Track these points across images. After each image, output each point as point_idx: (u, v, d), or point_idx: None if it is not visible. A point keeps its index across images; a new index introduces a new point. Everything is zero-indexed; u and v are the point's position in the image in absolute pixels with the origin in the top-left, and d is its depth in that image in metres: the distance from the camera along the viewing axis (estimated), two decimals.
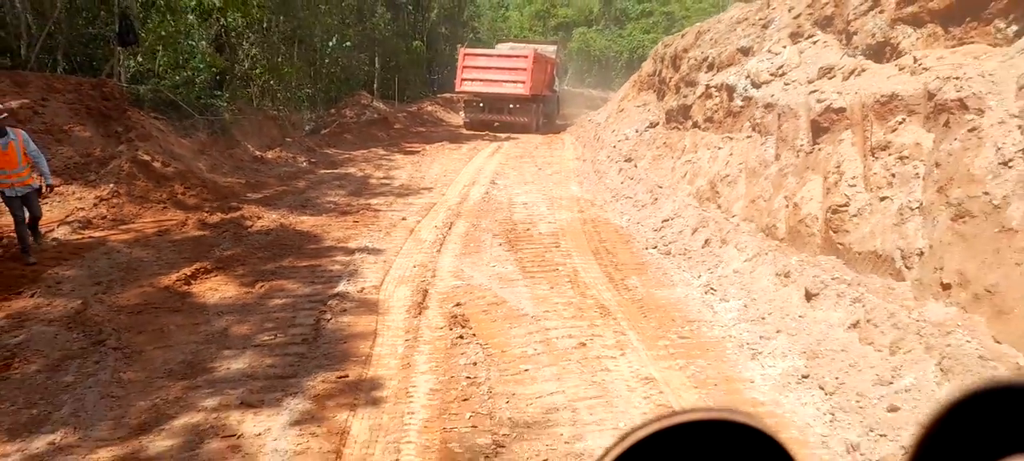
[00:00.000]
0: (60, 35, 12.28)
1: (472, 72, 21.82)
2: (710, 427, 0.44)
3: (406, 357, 5.29)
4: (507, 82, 21.32)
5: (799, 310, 5.41)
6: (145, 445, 4.08)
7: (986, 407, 0.38)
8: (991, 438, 0.38)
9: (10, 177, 7.40)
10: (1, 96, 11.11)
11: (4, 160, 7.35)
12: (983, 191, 4.44)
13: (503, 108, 21.85)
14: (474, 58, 22.14)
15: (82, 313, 6.12)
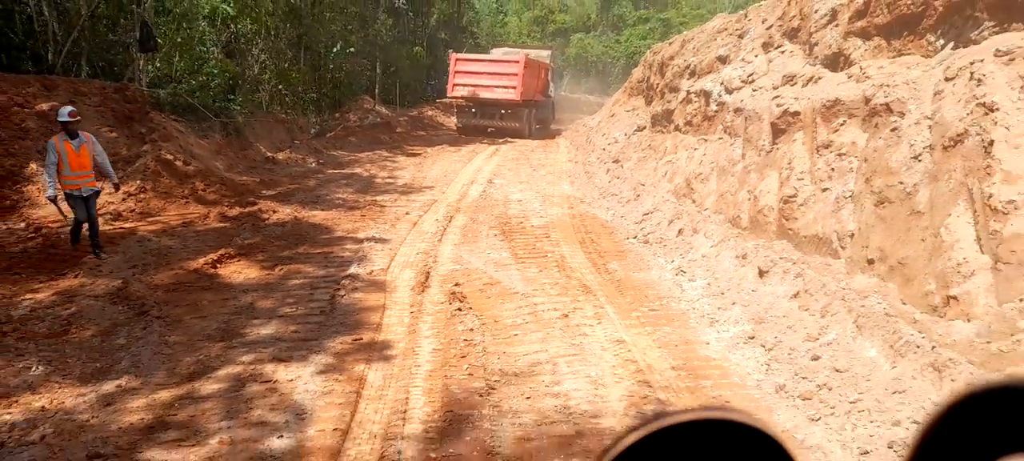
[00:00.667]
0: (84, 42, 13.11)
1: (463, 77, 21.88)
2: (710, 427, 0.44)
3: (412, 325, 6.12)
4: (498, 87, 21.30)
5: (752, 286, 6.25)
6: (197, 388, 4.90)
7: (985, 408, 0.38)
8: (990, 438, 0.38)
9: (80, 179, 7.76)
10: (32, 99, 11.95)
11: (77, 162, 7.73)
12: (899, 181, 5.28)
13: (495, 113, 21.89)
14: (465, 63, 22.19)
15: (123, 290, 6.94)
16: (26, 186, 10.40)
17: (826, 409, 4.28)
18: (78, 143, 7.73)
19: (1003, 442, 0.38)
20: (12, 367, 5.24)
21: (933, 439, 0.40)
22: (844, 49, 7.70)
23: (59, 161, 7.58)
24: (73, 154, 7.68)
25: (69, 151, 7.67)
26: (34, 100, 11.78)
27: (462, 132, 22.67)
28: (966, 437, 0.39)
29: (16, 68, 12.78)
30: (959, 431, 0.39)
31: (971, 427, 0.39)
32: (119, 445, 4.14)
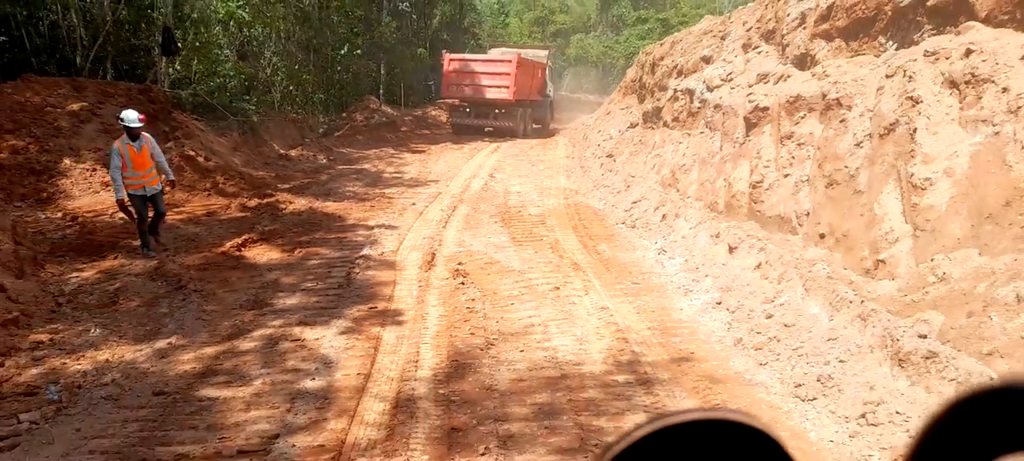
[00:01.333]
0: (109, 47, 13.93)
1: (456, 77, 21.84)
2: (710, 427, 0.44)
3: (420, 296, 6.91)
4: (491, 87, 21.21)
5: (723, 260, 7.03)
6: (236, 345, 5.70)
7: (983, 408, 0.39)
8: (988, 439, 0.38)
9: (143, 178, 8.08)
10: (63, 100, 12.78)
11: (138, 162, 8.03)
12: (844, 165, 6.06)
13: (488, 113, 21.83)
14: (458, 63, 22.14)
15: (160, 269, 7.74)
16: (61, 180, 11.21)
17: (773, 356, 5.06)
18: (139, 144, 8.07)
19: (1001, 443, 0.38)
20: (73, 330, 6.04)
21: (931, 440, 0.40)
22: (810, 50, 8.47)
23: (123, 163, 7.89)
24: (135, 155, 8.00)
25: (131, 153, 7.98)
26: (65, 101, 12.61)
27: (456, 131, 22.68)
28: (964, 438, 0.39)
29: (44, 71, 13.61)
30: (957, 432, 0.39)
31: (969, 428, 0.39)
32: (178, 386, 4.93)
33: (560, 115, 28.82)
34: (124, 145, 7.94)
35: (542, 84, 24.63)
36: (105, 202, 10.58)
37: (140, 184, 8.06)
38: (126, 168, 7.91)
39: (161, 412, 4.57)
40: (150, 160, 8.19)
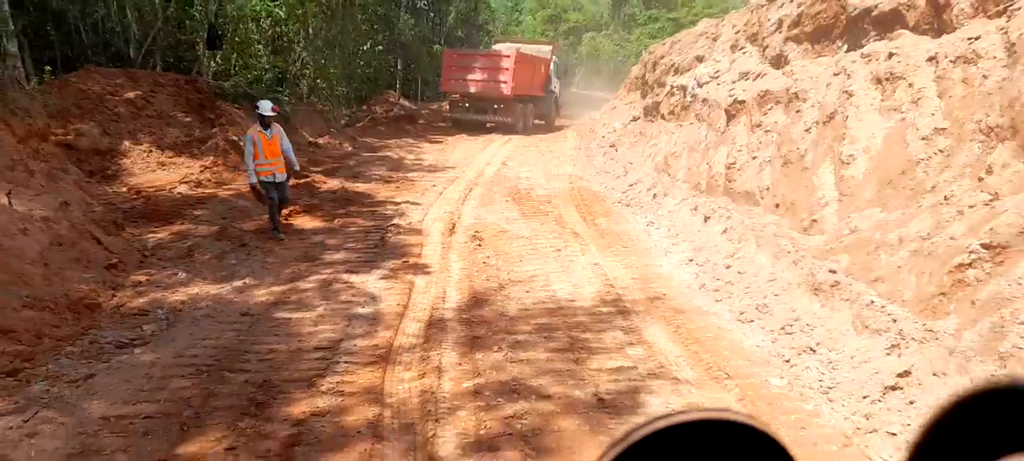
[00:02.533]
0: (158, 41, 15.37)
1: (456, 72, 21.80)
2: (710, 427, 0.45)
3: (444, 255, 8.26)
4: (490, 83, 21.17)
5: (698, 228, 8.33)
6: (298, 285, 7.07)
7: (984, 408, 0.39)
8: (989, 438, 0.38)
9: (273, 165, 8.59)
10: (120, 89, 14.22)
11: (270, 150, 8.53)
12: (796, 147, 7.35)
13: (487, 108, 21.74)
14: (457, 58, 22.27)
15: (223, 231, 9.12)
16: (123, 160, 12.63)
17: (726, 295, 6.37)
18: (271, 134, 8.58)
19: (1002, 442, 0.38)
20: (163, 274, 7.43)
21: (932, 439, 0.41)
22: (784, 51, 9.74)
23: (255, 151, 8.50)
24: (267, 143, 8.55)
25: (264, 141, 8.53)
26: (122, 90, 14.03)
27: (456, 126, 22.63)
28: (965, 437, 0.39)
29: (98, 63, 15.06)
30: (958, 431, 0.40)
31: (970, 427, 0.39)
32: (258, 310, 6.31)
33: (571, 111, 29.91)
34: (257, 134, 8.51)
35: (545, 80, 24.55)
36: (163, 179, 12.04)
37: (270, 171, 8.61)
38: (258, 156, 8.48)
39: (249, 325, 5.95)
40: (280, 150, 8.70)
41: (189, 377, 4.89)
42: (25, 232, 6.82)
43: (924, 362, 4.14)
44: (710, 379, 4.85)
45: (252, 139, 8.50)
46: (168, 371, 4.99)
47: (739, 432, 0.45)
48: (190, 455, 3.89)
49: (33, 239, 6.83)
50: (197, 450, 3.94)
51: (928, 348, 4.20)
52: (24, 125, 9.22)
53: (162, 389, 4.70)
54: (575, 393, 4.65)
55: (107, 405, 4.43)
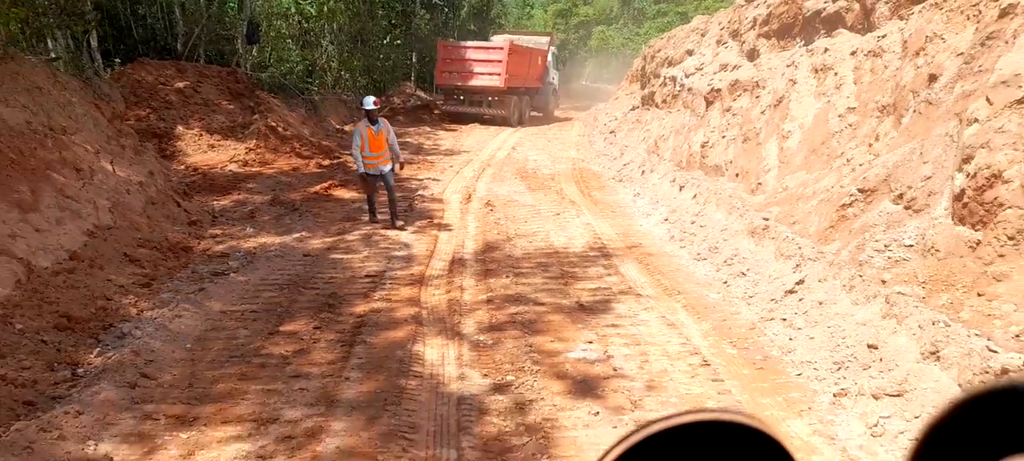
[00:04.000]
0: (201, 35, 17.09)
1: (450, 65, 21.87)
2: (710, 427, 0.45)
3: (462, 216, 9.89)
4: (483, 75, 21.24)
5: (675, 196, 9.92)
6: (344, 237, 8.72)
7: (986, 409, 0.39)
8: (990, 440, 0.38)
9: (377, 159, 8.97)
10: (170, 79, 15.93)
11: (375, 144, 8.90)
12: (753, 126, 8.91)
13: (482, 101, 21.88)
14: (451, 51, 22.27)
15: (276, 199, 10.79)
16: (177, 142, 14.35)
17: (689, 243, 7.96)
18: (377, 128, 8.94)
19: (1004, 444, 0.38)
20: (234, 229, 9.10)
21: (934, 440, 0.41)
22: (756, 46, 11.27)
23: (362, 143, 8.93)
24: (372, 137, 8.90)
25: (370, 135, 8.91)
26: (172, 80, 15.76)
27: (450, 119, 22.72)
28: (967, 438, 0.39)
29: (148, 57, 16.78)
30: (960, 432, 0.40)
31: (972, 428, 0.39)
32: (316, 252, 7.98)
33: (581, 103, 31.30)
34: (364, 127, 8.96)
35: (542, 72, 24.56)
36: (214, 159, 13.74)
37: (374, 163, 8.99)
38: (364, 148, 8.91)
39: (311, 262, 7.61)
40: (385, 143, 9.02)
41: (275, 291, 6.56)
42: (128, 192, 8.52)
43: (813, 273, 5.73)
44: (665, 295, 6.46)
45: (359, 132, 8.99)
46: (258, 287, 6.66)
47: (739, 433, 0.45)
48: (289, 330, 5.55)
49: (135, 198, 8.54)
50: (293, 328, 5.60)
51: (817, 264, 5.79)
52: (110, 108, 10.92)
53: (257, 297, 6.37)
54: (562, 301, 6.28)
55: (221, 305, 6.11)
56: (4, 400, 4.12)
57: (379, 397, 4.50)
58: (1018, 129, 4.63)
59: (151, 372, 4.73)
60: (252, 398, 4.46)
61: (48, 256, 6.08)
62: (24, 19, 9.30)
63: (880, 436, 3.90)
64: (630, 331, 5.56)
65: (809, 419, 4.20)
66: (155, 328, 5.42)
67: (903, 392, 4.13)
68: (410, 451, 3.90)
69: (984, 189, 4.65)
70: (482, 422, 4.22)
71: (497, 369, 4.92)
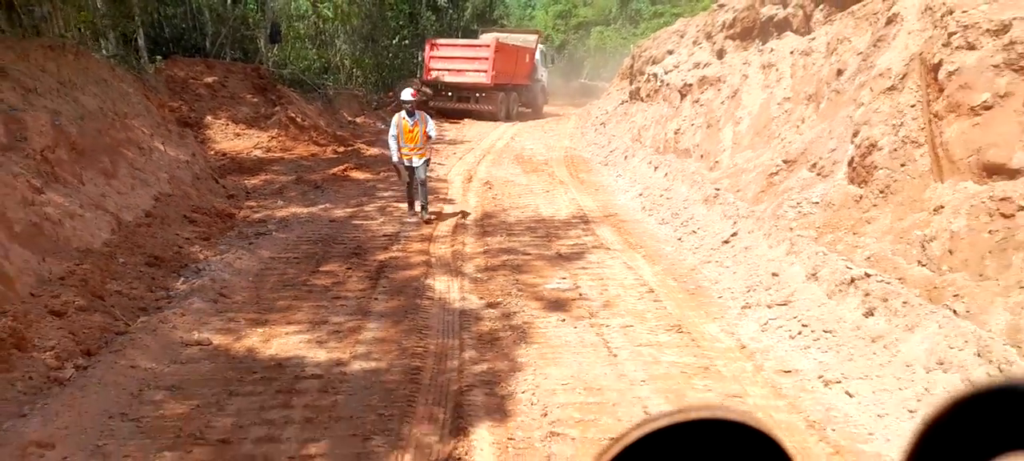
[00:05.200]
0: (227, 35, 18.58)
1: (437, 62, 22.28)
2: (709, 426, 0.45)
3: (464, 193, 11.35)
4: (470, 71, 21.67)
5: (648, 174, 11.37)
6: (363, 209, 10.19)
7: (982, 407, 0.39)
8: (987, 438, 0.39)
9: (411, 150, 9.13)
10: (200, 75, 17.40)
11: (409, 136, 9.05)
12: (715, 115, 10.36)
13: (469, 97, 22.26)
14: (439, 48, 22.61)
15: (300, 178, 12.26)
16: (207, 131, 15.82)
17: (657, 212, 9.42)
18: (412, 121, 9.08)
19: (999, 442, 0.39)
20: (267, 202, 10.56)
21: (930, 439, 0.41)
22: (724, 47, 12.69)
23: (398, 133, 9.11)
24: (408, 129, 9.07)
25: (405, 126, 9.08)
26: (202, 75, 17.23)
27: (440, 115, 22.86)
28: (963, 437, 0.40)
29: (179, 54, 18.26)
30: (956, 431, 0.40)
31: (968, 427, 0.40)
32: (340, 220, 9.44)
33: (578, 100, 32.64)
34: (401, 119, 9.14)
35: (530, 69, 25.07)
36: (240, 146, 15.19)
37: (408, 154, 9.17)
38: (400, 139, 9.13)
39: (337, 226, 9.08)
40: (420, 136, 9.12)
41: (310, 244, 8.03)
42: (179, 168, 10.00)
43: (744, 227, 7.19)
44: (629, 248, 7.92)
45: (395, 123, 9.20)
46: (297, 242, 8.14)
47: (737, 431, 0.45)
48: (327, 270, 7.03)
49: (184, 173, 10.02)
50: (330, 268, 7.07)
51: (748, 221, 7.24)
52: (157, 99, 12.39)
53: (297, 248, 7.84)
54: (545, 252, 7.74)
55: (269, 253, 7.58)
56: (125, 305, 5.60)
57: (401, 310, 5.97)
58: (889, 110, 6.08)
59: (227, 293, 6.21)
60: (306, 310, 5.93)
61: (130, 213, 7.56)
62: (90, 22, 10.76)
63: (766, 331, 5.36)
64: (596, 272, 7.03)
65: (720, 324, 5.66)
66: (222, 266, 6.90)
67: (788, 302, 5.59)
68: (426, 339, 5.37)
69: (866, 155, 6.11)
70: (477, 324, 5.69)
71: (490, 294, 6.39)
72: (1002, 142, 4.77)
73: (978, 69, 5.16)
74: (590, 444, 3.83)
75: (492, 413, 4.20)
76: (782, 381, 4.62)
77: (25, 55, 8.41)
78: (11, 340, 4.28)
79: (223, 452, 3.74)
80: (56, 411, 3.91)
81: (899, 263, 5.05)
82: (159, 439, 3.84)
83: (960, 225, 4.69)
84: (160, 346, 4.98)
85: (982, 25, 5.29)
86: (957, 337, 4.12)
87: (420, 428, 4.06)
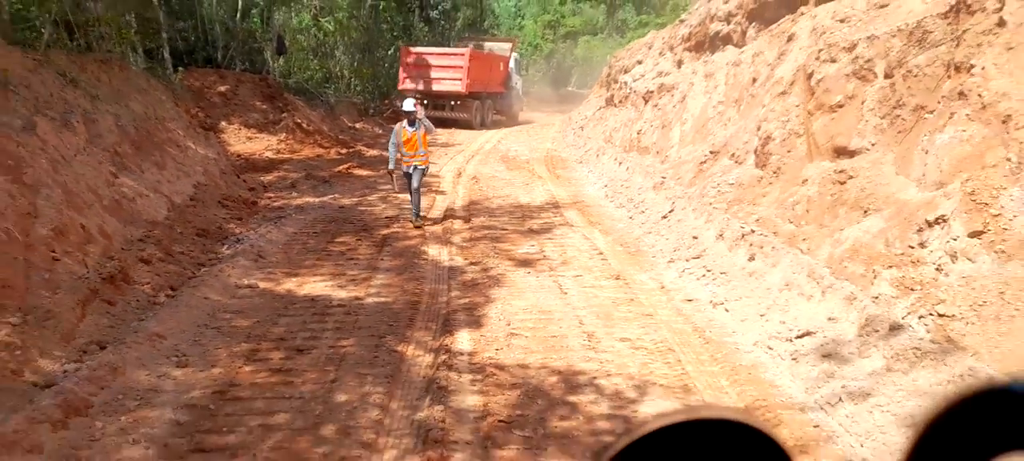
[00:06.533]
0: (238, 48, 20.25)
1: (412, 70, 22.42)
2: (709, 427, 0.46)
3: (454, 186, 13.03)
4: (446, 79, 21.91)
5: (614, 169, 13.09)
6: (366, 198, 11.85)
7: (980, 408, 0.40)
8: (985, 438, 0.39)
9: (411, 158, 9.39)
10: (214, 84, 19.04)
11: (409, 143, 9.30)
12: (667, 117, 12.09)
13: (445, 105, 22.45)
14: (414, 56, 22.73)
15: (309, 175, 13.92)
16: (222, 135, 17.44)
17: (617, 199, 11.12)
18: (412, 130, 9.29)
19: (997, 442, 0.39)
20: (284, 193, 12.20)
21: (929, 439, 0.42)
22: (682, 57, 14.46)
23: (397, 141, 9.39)
24: (407, 137, 9.31)
25: (404, 135, 9.35)
26: (215, 85, 18.88)
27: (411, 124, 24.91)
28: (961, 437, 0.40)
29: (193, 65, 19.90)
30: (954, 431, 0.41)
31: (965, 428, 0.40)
32: (348, 206, 11.10)
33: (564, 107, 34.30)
34: (402, 128, 9.43)
35: (505, 76, 25.32)
36: (252, 148, 16.82)
37: (407, 161, 9.47)
38: (401, 147, 9.41)
39: (345, 210, 10.74)
40: (420, 144, 9.33)
41: (325, 223, 9.69)
42: (208, 164, 11.65)
43: (679, 205, 8.90)
44: (589, 225, 9.62)
45: (396, 131, 9.52)
46: (313, 221, 9.80)
47: (737, 432, 0.45)
48: (341, 240, 8.69)
49: (213, 168, 11.67)
50: (343, 239, 8.74)
51: (682, 200, 8.96)
52: (184, 105, 14.04)
53: (314, 226, 9.51)
54: (519, 228, 9.43)
55: (292, 229, 9.24)
56: (189, 260, 7.26)
57: (402, 266, 7.65)
58: (781, 109, 7.81)
59: (263, 256, 7.86)
60: (328, 267, 7.59)
61: (179, 196, 9.21)
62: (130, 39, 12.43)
63: (681, 276, 7.06)
64: (560, 241, 8.72)
65: (649, 273, 7.35)
66: (256, 237, 8.57)
67: (700, 256, 7.30)
68: (422, 284, 7.05)
69: (764, 145, 7.83)
70: (462, 275, 7.37)
71: (473, 256, 8.07)
72: (846, 131, 6.51)
73: (836, 77, 6.90)
74: (538, 341, 5.50)
75: (470, 325, 5.87)
76: (684, 306, 6.32)
77: (84, 68, 10.05)
78: (119, 276, 5.92)
79: (281, 344, 5.40)
80: (162, 319, 5.56)
81: (777, 222, 6.76)
82: (235, 337, 5.50)
83: (813, 191, 6.41)
84: (221, 286, 6.64)
85: (840, 43, 7.05)
86: (799, 267, 5.83)
87: (419, 333, 5.74)
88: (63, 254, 5.37)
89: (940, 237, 4.52)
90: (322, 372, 4.93)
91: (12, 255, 4.76)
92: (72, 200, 6.24)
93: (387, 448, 4.00)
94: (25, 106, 7.30)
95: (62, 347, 4.64)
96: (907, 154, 5.55)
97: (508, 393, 4.60)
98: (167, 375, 4.77)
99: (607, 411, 4.41)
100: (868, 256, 5.06)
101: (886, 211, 5.25)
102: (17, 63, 8.22)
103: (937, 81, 5.58)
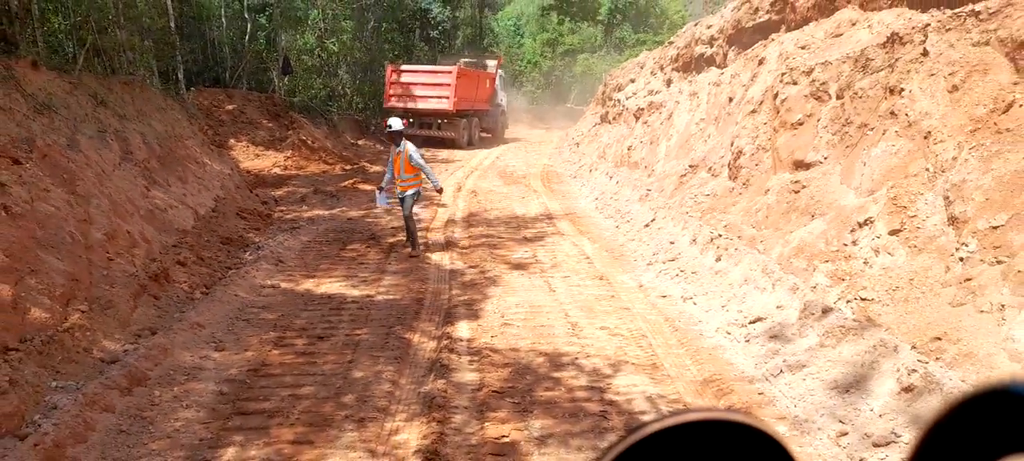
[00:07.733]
0: (245, 68, 21.15)
1: (399, 88, 22.32)
2: (710, 427, 0.45)
3: (454, 199, 13.85)
4: (432, 98, 21.81)
5: (605, 183, 13.91)
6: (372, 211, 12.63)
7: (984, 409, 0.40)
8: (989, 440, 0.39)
9: (399, 183, 8.98)
10: (222, 103, 19.92)
11: (396, 167, 8.90)
12: (655, 133, 12.93)
13: (431, 123, 22.36)
14: (401, 75, 22.61)
15: (317, 190, 14.73)
16: (231, 152, 18.28)
17: (607, 210, 11.93)
18: (395, 151, 8.94)
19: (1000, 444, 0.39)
20: (295, 208, 13.01)
21: (932, 440, 0.41)
22: (671, 77, 15.34)
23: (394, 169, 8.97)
24: (396, 160, 8.90)
25: (395, 160, 8.91)
26: (223, 103, 19.74)
27: None
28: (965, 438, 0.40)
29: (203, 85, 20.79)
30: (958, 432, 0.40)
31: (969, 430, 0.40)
32: (356, 218, 11.91)
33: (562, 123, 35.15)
34: (393, 153, 9.04)
35: (491, 94, 25.32)
36: (260, 164, 17.67)
37: (403, 186, 9.00)
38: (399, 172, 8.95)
39: (354, 222, 11.54)
40: (402, 166, 8.84)
41: (336, 233, 10.50)
42: (224, 179, 12.47)
43: (661, 215, 9.71)
44: (579, 234, 10.42)
45: (391, 158, 9.16)
46: (325, 231, 10.60)
47: (739, 432, 0.45)
48: (351, 247, 9.49)
49: (229, 182, 12.49)
50: (354, 246, 9.54)
51: (663, 210, 9.77)
52: (197, 123, 14.89)
53: (326, 235, 10.31)
54: (515, 236, 10.23)
55: (306, 238, 10.04)
56: (217, 264, 8.06)
57: (407, 269, 8.44)
58: (751, 127, 8.63)
59: (283, 260, 8.66)
60: (341, 269, 8.39)
61: (203, 208, 10.02)
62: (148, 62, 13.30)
63: (658, 277, 7.86)
64: (551, 248, 9.52)
65: (630, 275, 8.15)
66: (275, 245, 9.37)
67: (676, 258, 8.09)
68: (426, 284, 7.84)
69: (736, 159, 8.65)
70: (462, 277, 8.16)
71: (472, 260, 8.87)
72: (804, 146, 7.33)
73: (796, 97, 7.74)
74: (528, 329, 6.29)
75: (469, 317, 6.66)
76: (658, 301, 7.11)
77: (112, 89, 10.89)
78: (162, 275, 6.72)
79: (304, 333, 6.19)
80: (200, 311, 6.36)
81: (742, 227, 7.57)
82: (263, 327, 6.29)
83: (772, 199, 7.23)
84: (248, 286, 7.44)
85: (801, 67, 7.89)
86: (756, 264, 6.63)
87: (423, 323, 6.53)
88: (115, 255, 6.16)
89: (868, 235, 5.33)
90: (340, 355, 5.71)
91: (77, 254, 5.56)
92: (117, 209, 7.05)
93: (398, 412, 4.78)
94: (66, 125, 8.12)
95: (120, 331, 5.43)
96: (851, 166, 6.37)
97: (501, 370, 5.38)
98: (208, 356, 5.55)
99: (586, 384, 5.18)
100: (810, 253, 5.86)
101: (829, 215, 6.07)
102: (56, 86, 9.06)
103: (877, 102, 6.41)
